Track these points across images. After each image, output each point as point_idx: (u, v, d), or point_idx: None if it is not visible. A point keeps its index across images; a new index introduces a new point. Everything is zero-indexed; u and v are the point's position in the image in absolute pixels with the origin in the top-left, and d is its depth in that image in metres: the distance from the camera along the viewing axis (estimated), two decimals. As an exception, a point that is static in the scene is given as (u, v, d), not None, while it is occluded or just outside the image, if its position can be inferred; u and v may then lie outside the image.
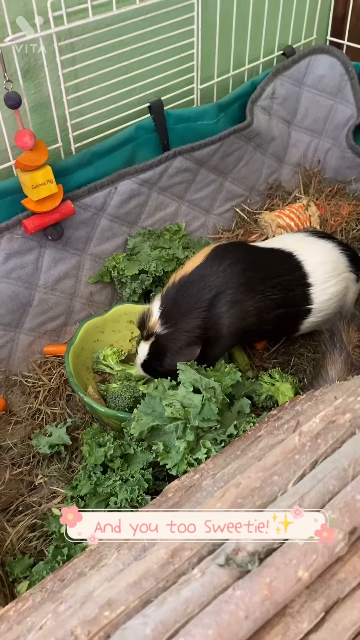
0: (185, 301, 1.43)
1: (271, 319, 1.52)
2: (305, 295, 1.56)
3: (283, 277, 1.53)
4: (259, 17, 1.95)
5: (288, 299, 1.53)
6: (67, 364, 1.51)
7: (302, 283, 1.56)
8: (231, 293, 1.45)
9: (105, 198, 1.72)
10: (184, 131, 1.84)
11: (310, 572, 0.66)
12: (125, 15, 1.59)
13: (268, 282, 1.50)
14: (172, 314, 1.43)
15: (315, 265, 1.57)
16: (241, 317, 1.46)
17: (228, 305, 1.44)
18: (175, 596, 0.66)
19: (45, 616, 0.76)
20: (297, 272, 1.56)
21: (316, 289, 1.57)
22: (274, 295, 1.50)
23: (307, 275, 1.56)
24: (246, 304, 1.46)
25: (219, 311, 1.44)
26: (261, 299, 1.48)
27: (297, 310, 1.57)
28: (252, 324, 1.49)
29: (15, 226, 1.55)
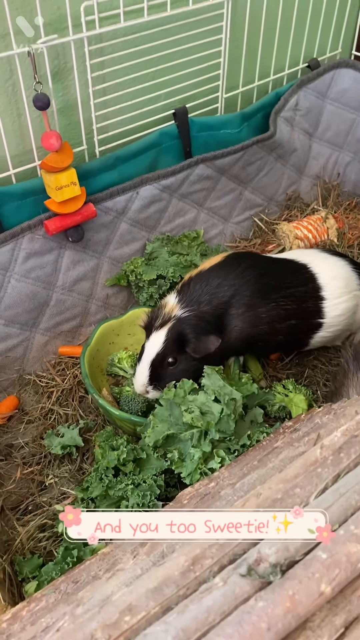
0: (204, 293, 1.41)
1: (283, 329, 1.52)
2: (317, 308, 1.56)
3: (297, 287, 1.53)
4: (286, 30, 1.96)
5: (300, 311, 1.53)
6: (82, 365, 1.51)
7: (316, 296, 1.55)
8: (247, 296, 1.45)
9: (127, 202, 1.72)
10: (207, 139, 1.85)
11: (333, 586, 0.66)
12: (155, 22, 1.60)
13: (282, 292, 1.50)
14: (191, 301, 1.40)
15: (328, 279, 1.57)
16: (253, 323, 1.46)
17: (243, 308, 1.44)
18: (197, 604, 0.65)
19: (62, 618, 0.75)
20: (310, 284, 1.56)
21: (329, 303, 1.56)
22: (287, 305, 1.50)
23: (321, 288, 1.56)
24: (260, 310, 1.46)
25: (235, 312, 1.44)
26: (274, 308, 1.48)
27: (309, 323, 1.56)
28: (263, 332, 1.49)
29: (36, 226, 1.56)
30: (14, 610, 0.90)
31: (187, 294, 1.42)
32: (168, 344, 1.36)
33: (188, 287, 1.44)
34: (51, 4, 1.41)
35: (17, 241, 1.54)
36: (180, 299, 1.42)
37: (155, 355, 1.37)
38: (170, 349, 1.36)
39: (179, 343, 1.36)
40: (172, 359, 1.36)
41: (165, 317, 1.39)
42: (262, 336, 1.49)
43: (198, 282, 1.44)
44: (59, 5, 1.42)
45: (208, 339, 1.35)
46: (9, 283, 1.56)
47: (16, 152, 1.54)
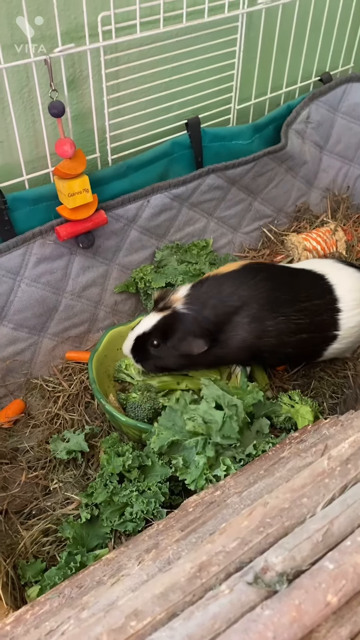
0: (212, 297, 1.44)
1: (292, 342, 1.51)
2: (333, 320, 1.55)
3: (312, 301, 1.52)
4: (300, 43, 1.98)
5: (313, 324, 1.51)
6: (90, 370, 1.52)
7: (331, 308, 1.54)
8: (255, 308, 1.45)
9: (137, 210, 1.74)
10: (218, 149, 1.86)
11: (339, 597, 0.66)
12: (170, 33, 1.62)
13: (295, 306, 1.49)
14: (196, 300, 1.44)
15: (345, 291, 1.56)
16: (258, 335, 1.46)
17: (249, 319, 1.45)
18: (203, 611, 0.65)
19: (67, 622, 0.75)
20: (327, 295, 1.55)
21: (345, 315, 1.55)
22: (299, 320, 1.49)
23: (337, 300, 1.55)
24: (267, 323, 1.46)
25: (239, 321, 1.45)
26: (283, 321, 1.48)
27: (323, 336, 1.55)
28: (270, 345, 1.49)
29: (48, 232, 1.57)
30: (17, 613, 0.90)
31: (196, 292, 1.46)
32: (156, 328, 1.44)
33: (201, 286, 1.47)
34: (68, 14, 1.43)
35: (28, 246, 1.55)
36: (188, 295, 1.46)
37: (143, 332, 1.45)
38: (156, 334, 1.44)
39: (165, 333, 1.43)
40: (156, 342, 1.44)
41: (167, 304, 1.46)
42: (268, 347, 1.49)
43: (211, 285, 1.46)
44: (76, 15, 1.44)
45: (193, 342, 1.40)
46: (19, 287, 1.57)
47: (30, 158, 1.56)
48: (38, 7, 1.37)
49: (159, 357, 1.45)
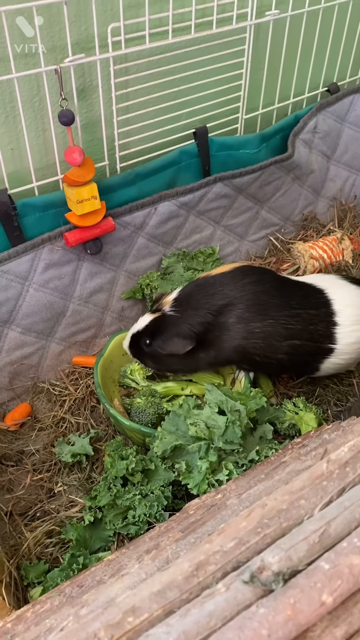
0: (199, 297, 1.48)
1: (283, 348, 1.50)
2: (329, 333, 1.54)
3: (306, 310, 1.52)
4: (307, 54, 2.00)
5: (307, 332, 1.51)
6: (95, 375, 1.54)
7: (327, 320, 1.54)
8: (241, 308, 1.47)
9: (145, 217, 1.76)
10: (225, 158, 1.88)
11: (335, 597, 0.66)
12: (179, 44, 1.65)
13: (285, 311, 1.49)
14: (184, 303, 1.49)
15: (345, 306, 1.56)
16: (244, 336, 1.47)
17: (234, 319, 1.46)
18: (199, 608, 0.66)
19: (66, 619, 0.77)
20: (323, 308, 1.55)
21: (342, 329, 1.55)
22: (289, 325, 1.49)
23: (335, 314, 1.55)
24: (252, 324, 1.47)
25: (224, 321, 1.47)
26: (272, 324, 1.48)
27: (317, 347, 1.55)
28: (258, 347, 1.49)
29: (56, 238, 1.60)
30: (19, 612, 0.91)
31: (184, 294, 1.51)
32: (147, 329, 1.52)
33: (189, 288, 1.52)
34: (79, 25, 1.47)
35: (37, 252, 1.58)
36: (176, 297, 1.51)
37: (137, 331, 1.54)
38: (147, 333, 1.52)
39: (154, 334, 1.50)
40: (148, 341, 1.51)
41: (159, 307, 1.53)
42: (257, 350, 1.49)
43: (199, 286, 1.50)
44: (87, 26, 1.48)
45: (179, 342, 1.46)
46: (27, 292, 1.59)
47: (40, 166, 1.59)
48: (49, 18, 1.40)
49: (152, 355, 1.52)
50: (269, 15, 1.79)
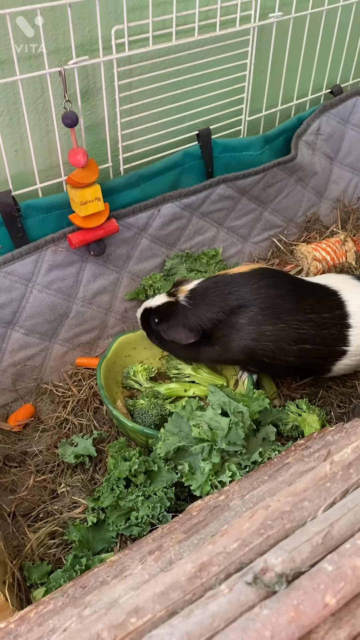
0: (214, 294, 1.49)
1: (294, 351, 1.50)
2: (342, 335, 1.54)
3: (320, 314, 1.51)
4: (310, 56, 2.01)
5: (319, 337, 1.51)
6: (98, 376, 1.54)
7: (341, 323, 1.53)
8: (254, 310, 1.47)
9: (148, 219, 1.76)
10: (229, 160, 1.88)
11: (338, 598, 0.66)
12: (182, 46, 1.66)
13: (298, 316, 1.49)
14: (199, 296, 1.51)
15: (358, 307, 1.55)
16: (254, 338, 1.47)
17: (246, 320, 1.47)
18: (202, 609, 0.66)
19: (69, 619, 0.77)
20: (337, 310, 1.54)
21: (356, 331, 1.54)
22: (301, 329, 1.49)
23: (348, 315, 1.54)
24: (264, 327, 1.47)
25: (236, 321, 1.47)
26: (284, 329, 1.48)
27: (330, 350, 1.54)
28: (268, 350, 1.49)
29: (60, 239, 1.60)
30: (22, 612, 0.92)
31: (202, 287, 1.53)
32: (158, 310, 1.56)
33: (208, 282, 1.54)
34: (83, 27, 1.47)
35: (40, 253, 1.58)
36: (193, 289, 1.53)
37: (149, 306, 1.59)
38: (158, 312, 1.56)
39: (162, 316, 1.54)
40: (157, 319, 1.56)
41: (175, 293, 1.55)
42: (266, 352, 1.49)
43: (217, 282, 1.52)
44: (91, 29, 1.48)
45: (182, 332, 1.49)
46: (31, 293, 1.59)
47: (43, 167, 1.59)
48: (54, 20, 1.41)
49: (157, 334, 1.56)
50: (272, 17, 1.79)
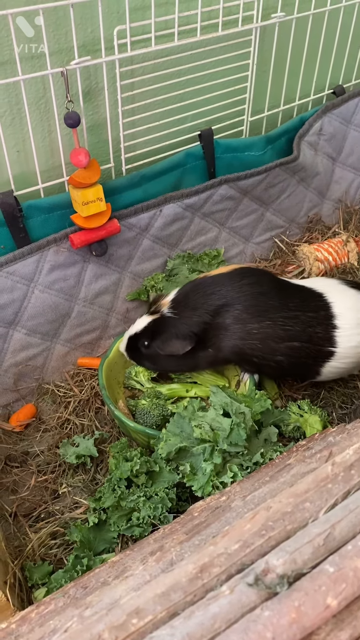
0: (195, 298, 1.49)
1: (281, 349, 1.49)
2: (328, 336, 1.53)
3: (304, 312, 1.51)
4: (313, 56, 2.00)
5: (306, 334, 1.50)
6: (100, 376, 1.54)
7: (327, 323, 1.53)
8: (238, 309, 1.47)
9: (150, 219, 1.76)
10: (231, 160, 1.88)
11: (339, 600, 0.66)
12: (185, 46, 1.66)
13: (283, 313, 1.49)
14: (181, 303, 1.50)
15: (345, 309, 1.55)
16: (242, 337, 1.47)
17: (231, 319, 1.47)
18: (203, 611, 0.66)
19: (70, 619, 0.77)
20: (322, 311, 1.54)
21: (343, 332, 1.53)
22: (287, 326, 1.48)
23: (334, 317, 1.54)
24: (250, 325, 1.47)
25: (222, 321, 1.47)
26: (270, 326, 1.47)
27: (317, 350, 1.53)
28: (255, 348, 1.48)
29: (62, 240, 1.60)
30: (23, 613, 0.91)
31: (181, 295, 1.52)
32: (146, 331, 1.52)
33: (186, 288, 1.53)
34: (85, 27, 1.47)
35: (42, 253, 1.58)
36: (174, 299, 1.52)
37: (134, 333, 1.54)
38: (146, 335, 1.52)
39: (152, 335, 1.50)
40: (146, 342, 1.52)
41: (157, 308, 1.53)
42: (254, 352, 1.49)
43: (196, 286, 1.51)
44: (93, 29, 1.48)
45: (177, 343, 1.47)
46: (32, 294, 1.59)
47: (45, 168, 1.60)
48: (56, 20, 1.41)
49: (149, 356, 1.53)
50: (274, 18, 1.79)
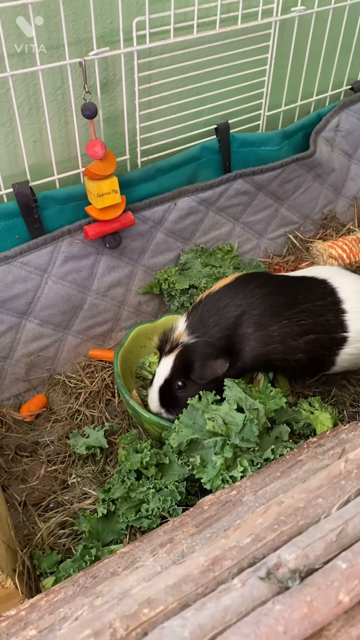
0: (212, 315, 1.43)
1: (301, 346, 1.48)
2: (339, 321, 1.51)
3: (313, 302, 1.49)
4: (332, 52, 1.99)
5: (319, 324, 1.48)
6: (115, 365, 1.54)
7: (335, 309, 1.51)
8: (257, 314, 1.44)
9: (164, 213, 1.76)
10: (247, 155, 1.88)
11: (351, 596, 0.66)
12: (203, 39, 1.65)
13: (295, 307, 1.47)
14: (198, 325, 1.43)
15: (350, 293, 1.53)
16: (265, 342, 1.44)
17: (253, 327, 1.43)
18: (215, 603, 0.66)
19: (81, 608, 0.77)
20: (329, 297, 1.52)
21: (352, 316, 1.52)
22: (301, 320, 1.47)
23: (341, 301, 1.52)
24: (271, 328, 1.44)
25: (244, 332, 1.43)
26: (286, 325, 1.46)
27: (331, 338, 1.51)
28: (277, 351, 1.46)
29: (76, 231, 1.60)
30: (32, 600, 0.92)
31: (195, 317, 1.44)
32: (175, 370, 1.40)
33: (197, 310, 1.46)
34: (104, 18, 1.47)
35: (56, 244, 1.58)
36: (189, 324, 1.44)
37: (164, 381, 1.41)
38: (178, 374, 1.40)
39: (186, 369, 1.40)
40: (181, 383, 1.40)
41: (173, 343, 1.43)
42: (276, 355, 1.47)
43: (206, 304, 1.45)
44: (112, 20, 1.48)
45: (215, 364, 1.38)
46: (46, 284, 1.60)
47: (62, 159, 1.59)
48: (75, 11, 1.41)
49: (185, 396, 1.38)
50: (294, 12, 1.77)
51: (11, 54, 1.37)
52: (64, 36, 1.37)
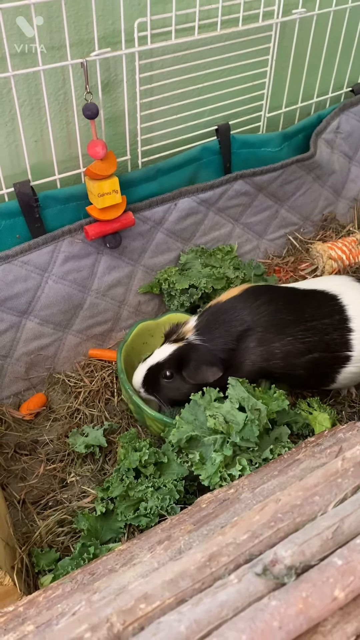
0: (218, 326, 1.45)
1: (302, 364, 1.48)
2: (344, 340, 1.51)
3: (320, 320, 1.49)
4: (332, 54, 1.99)
5: (323, 343, 1.48)
6: (119, 360, 1.54)
7: (342, 327, 1.51)
8: (260, 331, 1.44)
9: (165, 213, 1.77)
10: (247, 156, 1.88)
11: (347, 592, 0.66)
12: (205, 41, 1.66)
13: (301, 325, 1.47)
14: (205, 331, 1.46)
15: (359, 311, 1.52)
16: (266, 358, 1.45)
17: (255, 343, 1.44)
18: (211, 598, 0.67)
19: (78, 603, 0.78)
20: (337, 315, 1.51)
21: (358, 335, 1.51)
22: (307, 338, 1.47)
23: (349, 319, 1.51)
24: (273, 345, 1.45)
25: (246, 346, 1.44)
26: (290, 342, 1.46)
27: (334, 357, 1.51)
28: (278, 367, 1.47)
29: (77, 231, 1.61)
30: (30, 597, 0.93)
31: (204, 321, 1.47)
32: (171, 359, 1.44)
33: (206, 315, 1.48)
34: (106, 19, 1.48)
35: (57, 244, 1.59)
36: (197, 324, 1.47)
37: (156, 363, 1.45)
38: (171, 364, 1.44)
39: (180, 363, 1.43)
40: (169, 373, 1.44)
41: (180, 335, 1.47)
42: (277, 370, 1.48)
43: (215, 312, 1.47)
44: (114, 21, 1.49)
45: (208, 370, 1.41)
46: (46, 284, 1.60)
47: (63, 158, 1.60)
48: (77, 12, 1.41)
49: (171, 388, 1.45)
50: (295, 14, 1.78)
51: (13, 54, 1.38)
52: (66, 37, 1.38)
